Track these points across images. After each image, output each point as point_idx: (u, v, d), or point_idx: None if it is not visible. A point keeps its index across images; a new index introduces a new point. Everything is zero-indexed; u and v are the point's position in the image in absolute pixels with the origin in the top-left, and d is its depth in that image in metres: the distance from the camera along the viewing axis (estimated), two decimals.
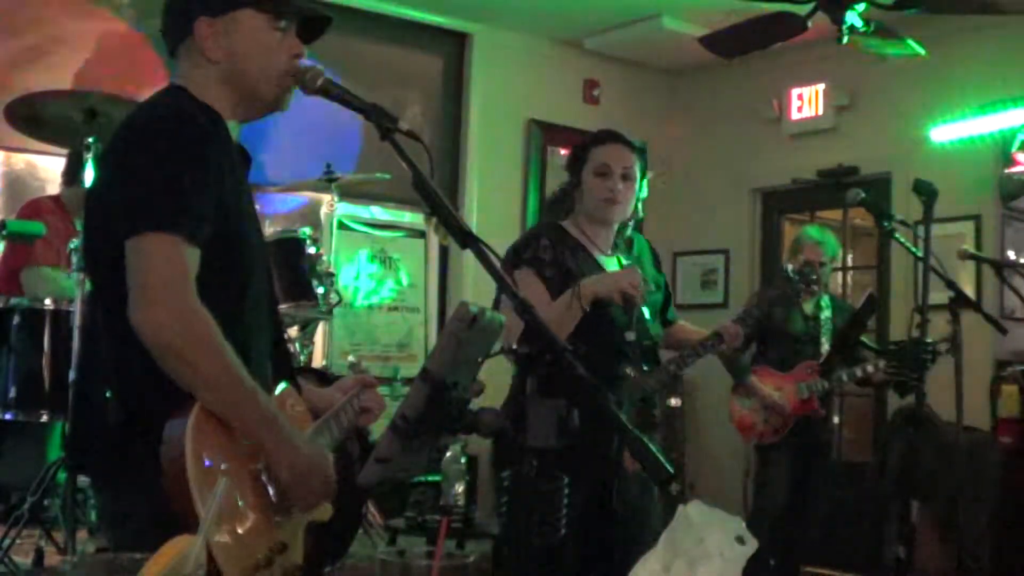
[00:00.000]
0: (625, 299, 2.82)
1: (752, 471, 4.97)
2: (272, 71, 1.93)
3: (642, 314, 3.03)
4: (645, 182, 3.78)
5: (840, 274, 6.79)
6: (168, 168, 1.75)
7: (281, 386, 1.96)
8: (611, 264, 3.02)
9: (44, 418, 3.86)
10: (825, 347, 4.77)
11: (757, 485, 4.87)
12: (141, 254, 1.71)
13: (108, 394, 1.81)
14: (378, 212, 6.38)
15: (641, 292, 2.84)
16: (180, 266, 1.71)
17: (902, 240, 3.86)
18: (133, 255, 1.71)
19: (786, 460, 4.74)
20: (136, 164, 1.77)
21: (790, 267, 3.58)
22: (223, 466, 1.67)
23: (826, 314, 4.83)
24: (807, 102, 6.60)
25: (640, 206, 3.43)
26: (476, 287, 6.20)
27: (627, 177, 2.97)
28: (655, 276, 3.15)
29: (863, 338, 4.71)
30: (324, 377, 3.96)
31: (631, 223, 3.68)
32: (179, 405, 1.67)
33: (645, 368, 3.05)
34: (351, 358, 5.38)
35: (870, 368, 4.64)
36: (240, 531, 1.66)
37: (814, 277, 3.56)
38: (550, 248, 2.90)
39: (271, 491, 1.76)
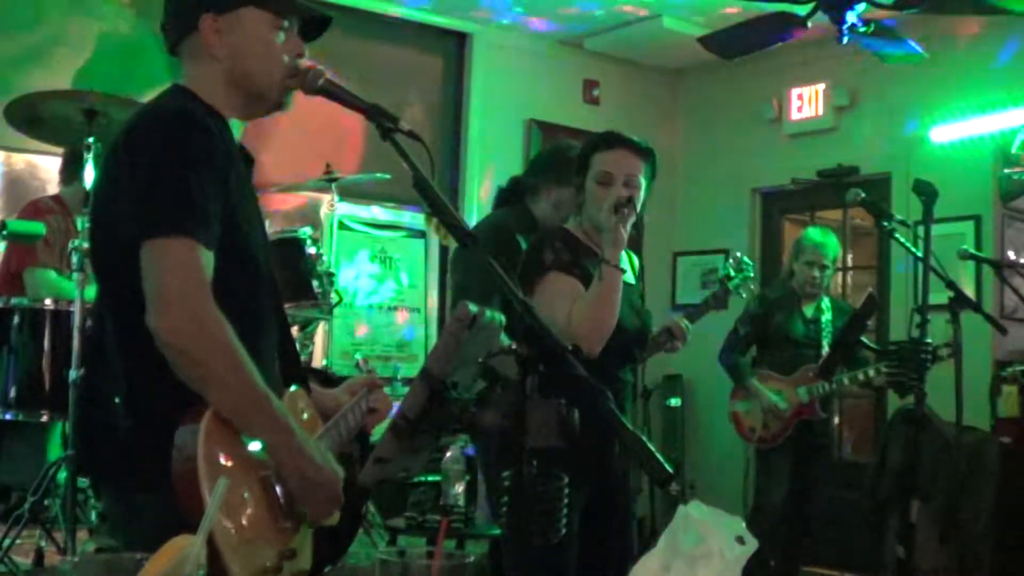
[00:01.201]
0: (619, 209, 2.72)
1: (752, 472, 4.97)
2: (274, 69, 1.93)
3: (641, 302, 3.02)
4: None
5: (840, 274, 6.79)
6: (177, 171, 1.74)
7: (292, 388, 1.95)
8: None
9: (44, 418, 3.86)
10: (826, 350, 4.78)
11: (757, 486, 4.88)
12: (156, 259, 1.71)
13: (117, 399, 1.80)
14: (378, 212, 6.38)
15: (620, 197, 2.76)
16: (196, 270, 1.71)
17: (902, 240, 3.87)
18: (148, 260, 1.71)
19: (786, 462, 4.75)
20: (144, 168, 1.76)
21: (729, 263, 3.63)
22: (235, 470, 1.67)
23: (827, 317, 4.83)
24: (807, 102, 6.60)
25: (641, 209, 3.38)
26: None
27: (630, 185, 2.84)
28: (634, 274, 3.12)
29: (863, 338, 4.71)
30: (325, 377, 3.96)
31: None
32: (188, 410, 1.67)
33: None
34: (359, 356, 5.39)
35: (872, 372, 4.64)
36: (250, 536, 1.66)
37: (750, 273, 3.62)
38: (565, 249, 2.86)
39: (281, 497, 1.76)
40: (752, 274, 3.69)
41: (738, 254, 3.80)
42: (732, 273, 3.65)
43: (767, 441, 4.78)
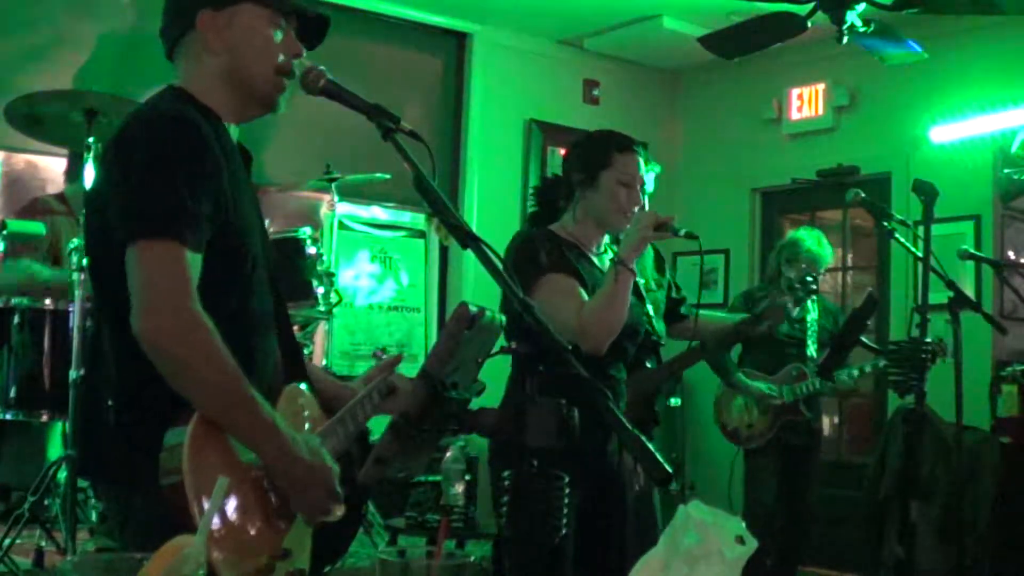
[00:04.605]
0: (661, 228, 2.77)
1: (738, 474, 4.93)
2: (270, 66, 1.93)
3: (645, 308, 3.01)
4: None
5: (840, 274, 6.80)
6: (165, 173, 1.74)
7: (292, 385, 1.94)
8: (605, 261, 2.98)
9: (44, 418, 3.86)
10: (811, 350, 4.75)
11: (746, 488, 4.86)
12: (141, 262, 1.71)
13: (110, 401, 1.80)
14: (378, 212, 6.38)
15: (666, 217, 2.80)
16: (180, 273, 1.71)
17: (902, 240, 3.87)
18: (133, 263, 1.71)
19: (772, 463, 4.73)
20: (132, 169, 1.76)
21: (792, 275, 3.55)
22: (223, 473, 1.67)
23: (812, 316, 4.81)
24: (807, 102, 6.60)
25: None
26: (476, 287, 6.20)
27: (642, 190, 2.93)
28: (656, 277, 3.13)
29: (863, 338, 4.70)
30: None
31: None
32: (178, 411, 1.67)
33: (648, 365, 3.04)
34: (378, 348, 5.41)
35: (868, 368, 4.64)
36: (240, 537, 1.65)
37: (815, 287, 3.52)
38: (556, 250, 2.87)
39: (273, 497, 1.76)
40: (815, 286, 3.57)
41: (803, 267, 3.64)
42: (797, 286, 3.54)
43: (752, 441, 4.77)
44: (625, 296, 2.75)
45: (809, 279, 3.50)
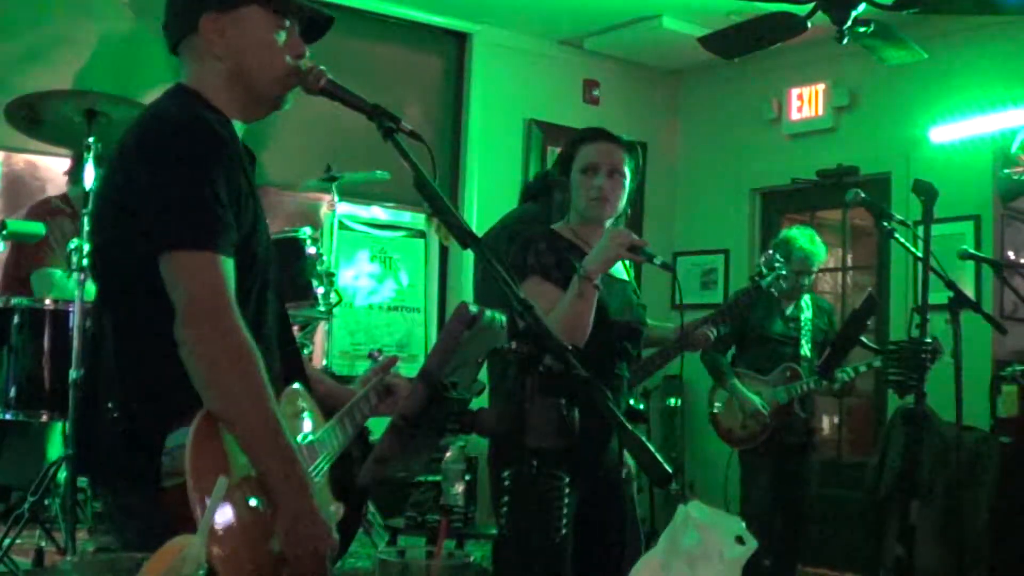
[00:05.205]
0: (634, 251, 2.71)
1: (732, 474, 4.92)
2: (275, 69, 1.92)
3: (636, 298, 3.01)
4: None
5: (840, 274, 6.79)
6: (196, 179, 1.73)
7: (291, 387, 1.94)
8: None
9: (44, 418, 3.86)
10: (805, 349, 4.75)
11: (742, 489, 4.86)
12: (183, 273, 1.71)
13: (110, 404, 1.79)
14: (378, 212, 6.38)
15: (641, 240, 2.74)
16: (222, 283, 1.71)
17: (902, 240, 3.86)
18: (174, 273, 1.71)
19: (768, 463, 4.72)
20: (161, 175, 1.75)
21: (761, 261, 3.56)
22: (221, 475, 1.66)
23: (806, 315, 4.80)
24: (807, 102, 6.60)
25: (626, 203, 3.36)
26: None
27: (614, 174, 2.88)
28: (628, 274, 3.10)
29: (863, 338, 4.70)
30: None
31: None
32: (181, 414, 1.66)
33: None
34: (375, 348, 5.40)
35: (863, 368, 4.64)
36: (237, 542, 1.64)
37: (783, 272, 3.51)
38: (549, 252, 2.86)
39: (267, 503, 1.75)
40: (785, 271, 3.59)
41: (770, 251, 3.71)
42: (764, 271, 3.56)
43: (746, 442, 4.76)
44: (587, 310, 2.69)
45: (777, 264, 3.51)
